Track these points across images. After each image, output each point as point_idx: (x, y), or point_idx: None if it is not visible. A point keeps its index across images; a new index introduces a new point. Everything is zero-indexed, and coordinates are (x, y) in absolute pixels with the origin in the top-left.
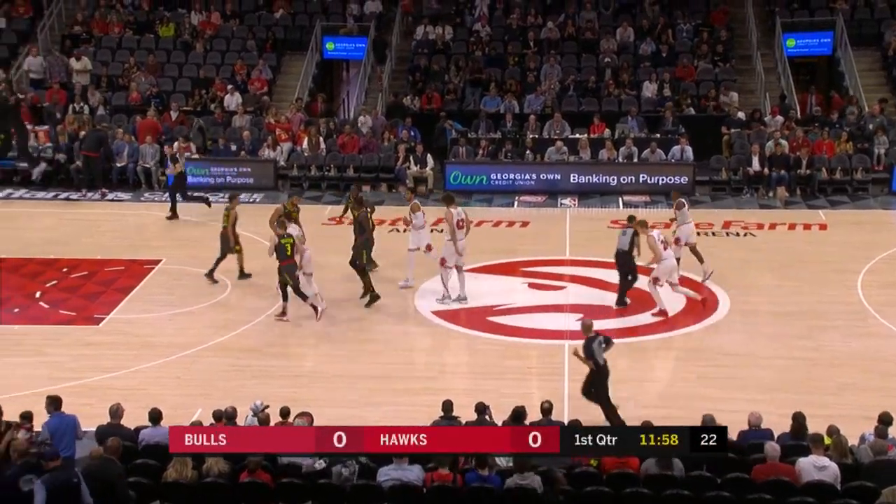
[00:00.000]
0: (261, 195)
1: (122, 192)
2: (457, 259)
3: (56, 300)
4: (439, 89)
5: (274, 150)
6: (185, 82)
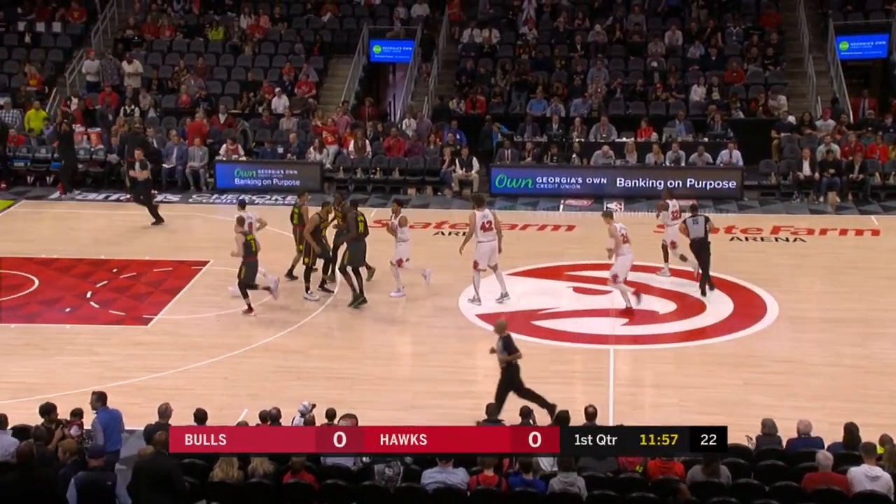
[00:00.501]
0: None
1: (170, 193)
2: (489, 260)
3: (106, 300)
4: (485, 92)
5: (320, 153)
6: (233, 85)
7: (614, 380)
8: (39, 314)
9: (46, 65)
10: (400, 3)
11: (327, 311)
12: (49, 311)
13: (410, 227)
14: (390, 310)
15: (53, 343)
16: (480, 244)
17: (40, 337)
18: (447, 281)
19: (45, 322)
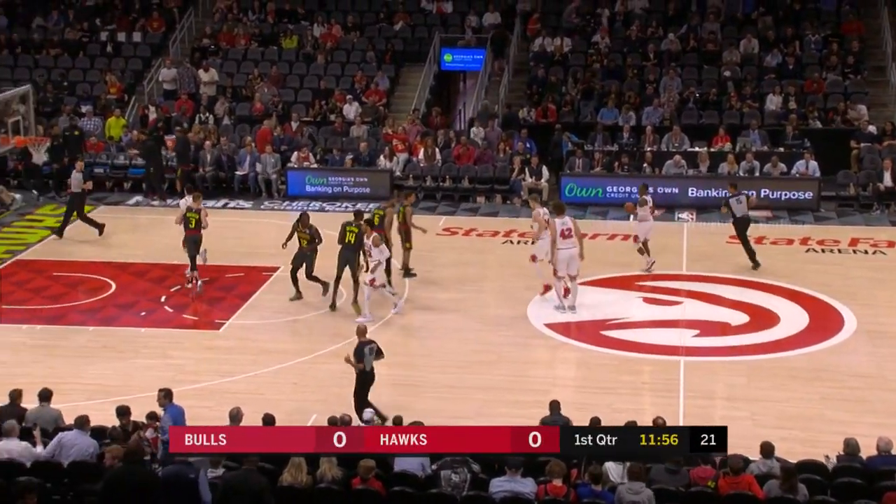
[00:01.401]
0: (376, 205)
1: (243, 200)
2: (568, 267)
3: (180, 305)
4: (556, 101)
5: (390, 161)
6: (306, 93)
7: (684, 392)
8: (116, 317)
9: (126, 73)
10: (472, 12)
11: (395, 318)
12: (125, 314)
13: (479, 236)
14: (459, 317)
15: (129, 346)
16: (560, 251)
17: (117, 340)
18: (516, 289)
19: (122, 325)
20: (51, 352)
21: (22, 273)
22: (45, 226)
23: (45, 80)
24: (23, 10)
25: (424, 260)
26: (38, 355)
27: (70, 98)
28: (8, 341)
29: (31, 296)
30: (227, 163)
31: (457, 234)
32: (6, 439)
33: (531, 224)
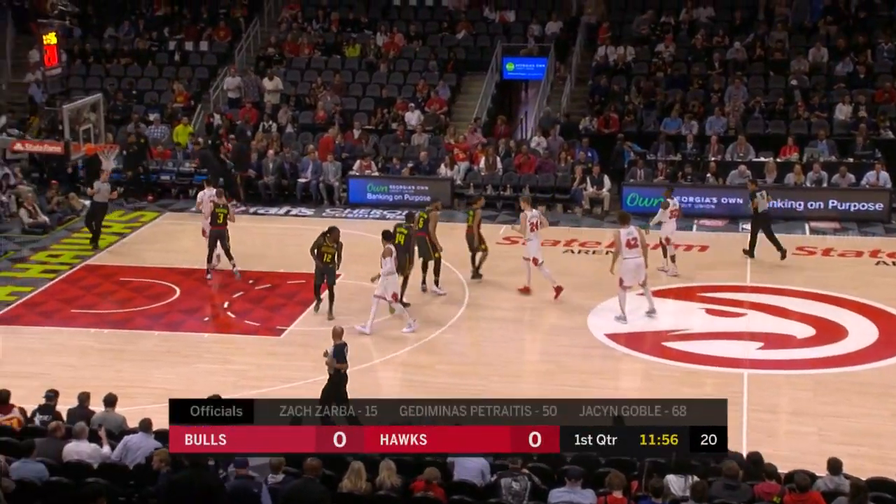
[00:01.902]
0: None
1: (304, 207)
2: (635, 277)
3: (242, 311)
4: (618, 110)
5: (451, 169)
6: (368, 101)
7: (748, 405)
8: (180, 323)
9: (193, 82)
10: (534, 21)
11: (454, 328)
12: (189, 319)
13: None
14: (518, 326)
15: (192, 351)
16: (626, 261)
17: (181, 344)
18: (576, 299)
19: (186, 330)
20: (118, 355)
21: (90, 277)
22: (113, 231)
23: (115, 89)
24: (96, 21)
25: (484, 269)
26: (106, 359)
27: (139, 106)
28: (77, 345)
29: (98, 300)
30: (289, 170)
31: (517, 243)
32: (76, 441)
33: (513, 226)
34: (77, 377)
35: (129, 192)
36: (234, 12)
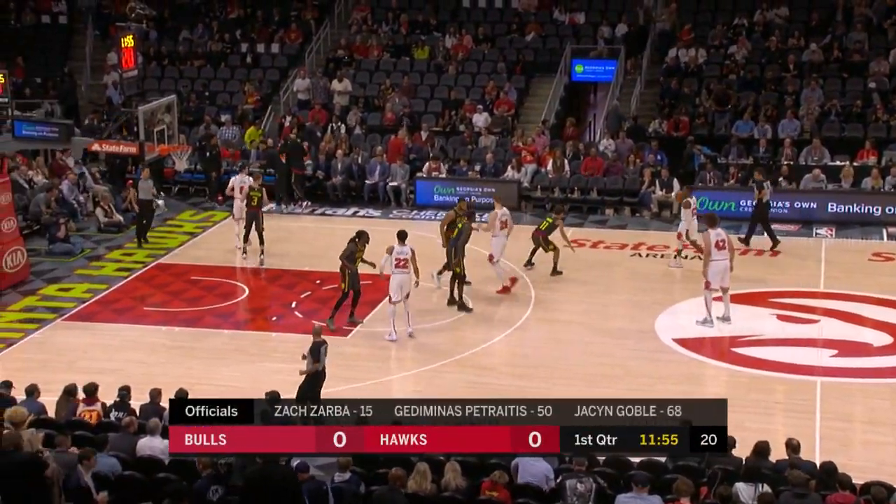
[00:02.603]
0: None
1: (372, 208)
2: (721, 280)
3: (309, 310)
4: (688, 113)
5: (518, 171)
6: (435, 103)
7: (821, 413)
8: (249, 322)
9: (264, 84)
10: (604, 23)
11: (520, 329)
12: (257, 318)
13: (606, 248)
14: (584, 330)
15: (260, 349)
16: (714, 263)
17: (248, 343)
18: (643, 303)
19: (254, 329)
20: (188, 353)
21: (162, 276)
22: (185, 231)
23: (188, 91)
24: (172, 24)
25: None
26: (176, 356)
27: (211, 107)
28: (148, 342)
29: (170, 298)
30: (357, 172)
31: (584, 245)
32: (150, 437)
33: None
34: (148, 373)
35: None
36: (305, 15)
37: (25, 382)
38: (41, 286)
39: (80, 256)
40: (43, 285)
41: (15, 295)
